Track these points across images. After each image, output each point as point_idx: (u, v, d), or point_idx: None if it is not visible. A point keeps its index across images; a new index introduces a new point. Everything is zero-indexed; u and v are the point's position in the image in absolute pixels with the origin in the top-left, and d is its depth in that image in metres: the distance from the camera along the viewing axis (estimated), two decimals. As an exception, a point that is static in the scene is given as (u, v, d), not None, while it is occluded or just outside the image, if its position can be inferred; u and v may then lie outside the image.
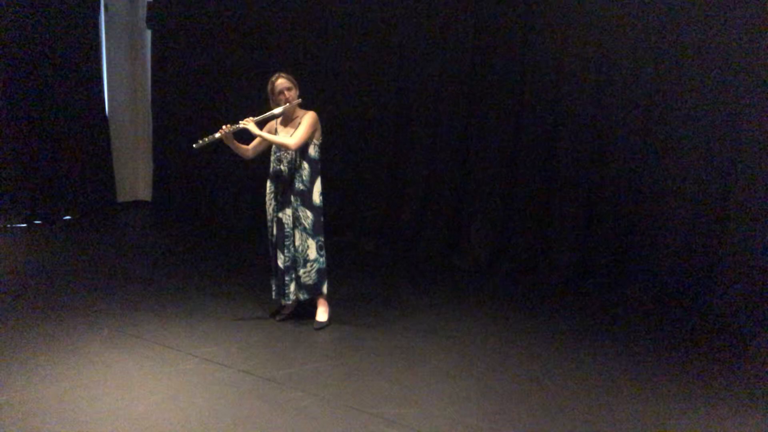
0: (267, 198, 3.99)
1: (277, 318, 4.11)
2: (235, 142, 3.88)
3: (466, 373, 3.43)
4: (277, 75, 3.82)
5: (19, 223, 6.71)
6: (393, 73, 6.02)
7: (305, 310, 4.16)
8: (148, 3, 7.60)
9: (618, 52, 4.95)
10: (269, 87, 3.83)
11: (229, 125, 3.78)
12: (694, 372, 3.58)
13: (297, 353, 3.61)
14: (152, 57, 7.75)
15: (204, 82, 7.23)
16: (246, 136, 3.89)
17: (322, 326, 3.99)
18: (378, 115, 6.11)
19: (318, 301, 4.07)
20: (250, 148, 3.99)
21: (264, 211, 4.07)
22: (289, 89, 3.79)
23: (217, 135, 3.75)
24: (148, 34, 7.78)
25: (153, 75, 7.78)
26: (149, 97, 7.90)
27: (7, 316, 3.97)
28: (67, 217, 7.18)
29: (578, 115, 5.17)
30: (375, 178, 6.21)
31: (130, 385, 3.11)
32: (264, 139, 3.83)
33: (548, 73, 5.27)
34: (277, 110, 3.80)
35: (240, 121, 3.77)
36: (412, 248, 6.05)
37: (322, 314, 4.05)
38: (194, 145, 3.83)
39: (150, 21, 7.63)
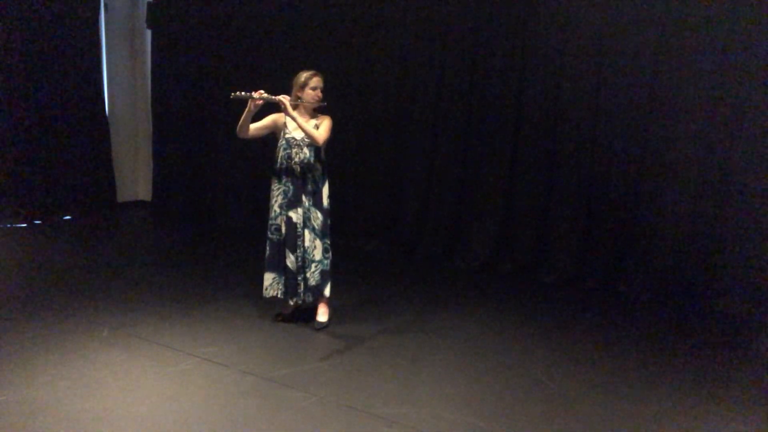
0: (273, 195, 3.94)
1: (277, 318, 4.11)
2: (251, 114, 3.79)
3: (466, 373, 3.43)
4: (313, 72, 3.85)
5: (19, 223, 6.70)
6: (393, 74, 6.02)
7: (305, 311, 4.16)
8: (148, 3, 7.60)
9: (618, 51, 4.96)
10: (301, 79, 3.82)
11: (264, 93, 3.72)
12: (693, 372, 3.59)
13: (297, 353, 3.61)
14: (152, 57, 7.74)
15: (204, 82, 7.22)
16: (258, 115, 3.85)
17: (323, 326, 3.99)
18: (378, 116, 6.10)
19: (319, 302, 4.06)
20: (252, 128, 3.89)
21: (262, 210, 4.03)
22: (322, 89, 3.85)
23: (255, 94, 3.67)
24: (148, 34, 7.77)
25: (153, 75, 7.78)
26: (149, 97, 7.89)
27: (7, 316, 3.96)
28: (67, 217, 7.17)
29: (578, 115, 5.17)
30: (375, 178, 6.20)
31: (130, 385, 3.11)
32: (297, 123, 3.75)
33: (548, 72, 5.28)
34: (314, 102, 3.82)
35: (276, 96, 3.73)
36: (413, 248, 6.06)
37: (322, 315, 4.05)
38: (231, 95, 3.76)
39: (150, 21, 7.62)
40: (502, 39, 5.45)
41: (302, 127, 3.75)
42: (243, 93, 3.70)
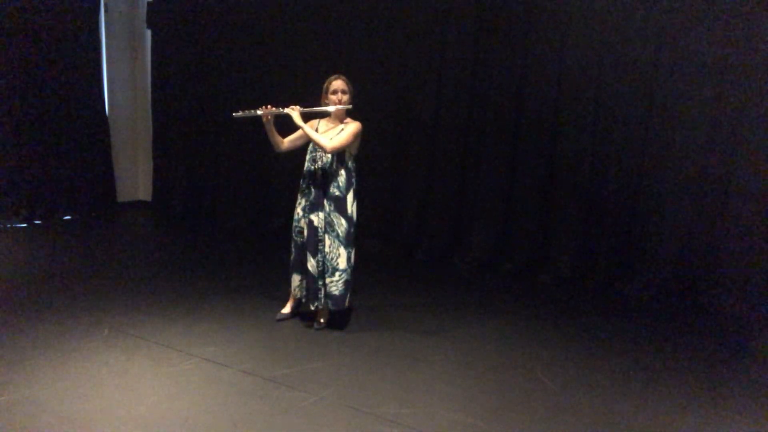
0: (298, 197, 3.94)
1: (277, 318, 4.11)
2: (273, 128, 3.81)
3: (466, 373, 3.43)
4: (336, 76, 3.83)
5: (19, 223, 6.71)
6: (393, 74, 6.02)
7: (305, 311, 4.16)
8: (148, 3, 7.60)
9: (618, 52, 4.96)
10: (325, 85, 3.83)
11: (272, 106, 3.73)
12: (693, 371, 3.59)
13: (297, 353, 3.61)
14: (152, 57, 7.75)
15: (204, 83, 7.23)
16: (286, 127, 3.85)
17: (322, 327, 3.99)
18: (378, 116, 6.10)
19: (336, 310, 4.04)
20: (285, 141, 3.91)
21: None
22: (344, 92, 3.80)
23: (259, 112, 3.69)
24: (148, 34, 7.78)
25: (153, 75, 7.78)
26: (149, 97, 7.90)
27: (8, 316, 3.96)
28: (67, 217, 7.18)
29: (578, 116, 5.18)
30: (375, 178, 6.20)
31: (130, 385, 3.11)
32: (304, 132, 3.76)
33: (548, 73, 5.28)
34: (326, 108, 3.80)
35: (285, 108, 3.74)
36: (413, 248, 6.06)
37: (322, 315, 4.04)
38: (234, 114, 3.77)
39: (150, 21, 7.62)
40: (503, 39, 5.45)
41: (309, 135, 3.74)
42: (246, 111, 3.70)
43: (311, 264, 3.88)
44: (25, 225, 6.71)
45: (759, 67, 4.45)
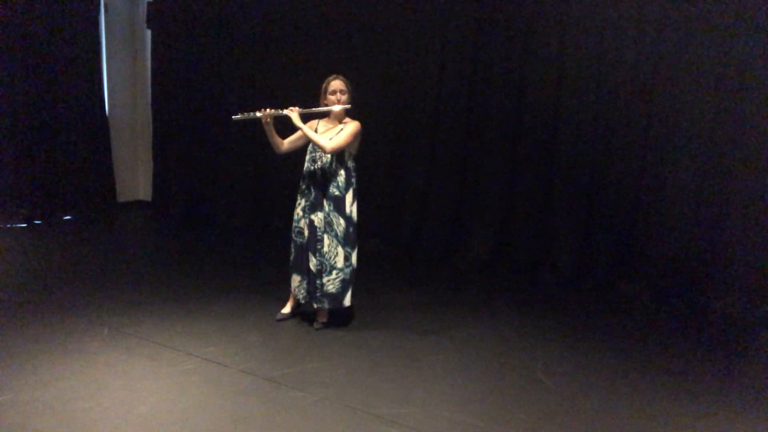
0: (297, 198, 3.95)
1: (277, 318, 4.11)
2: (273, 130, 3.82)
3: (466, 373, 3.43)
4: (334, 76, 3.82)
5: (19, 223, 6.70)
6: (393, 73, 6.02)
7: (305, 311, 4.16)
8: (148, 3, 7.60)
9: (618, 52, 4.96)
10: (323, 85, 3.83)
11: (271, 108, 3.74)
12: (693, 371, 3.59)
13: (297, 353, 3.61)
14: (152, 57, 7.75)
15: (204, 83, 7.22)
16: (286, 128, 3.86)
17: (322, 327, 3.99)
18: (378, 115, 6.10)
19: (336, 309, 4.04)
20: (285, 142, 3.92)
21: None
22: (342, 92, 3.79)
23: (258, 114, 3.71)
24: (148, 34, 7.77)
25: (153, 75, 7.78)
26: (149, 97, 7.89)
27: (8, 316, 3.96)
28: (67, 217, 7.17)
29: (578, 115, 5.17)
30: (375, 178, 6.20)
31: (130, 385, 3.11)
32: (303, 134, 3.77)
33: (549, 73, 5.27)
34: (325, 109, 3.80)
35: (284, 109, 3.74)
36: (413, 248, 6.06)
37: (322, 315, 4.05)
38: (233, 117, 3.78)
39: (150, 21, 7.62)
40: (503, 39, 5.44)
41: (309, 136, 3.74)
42: (245, 114, 3.71)
43: (312, 263, 3.88)
44: (25, 225, 6.71)
45: (759, 68, 4.45)
